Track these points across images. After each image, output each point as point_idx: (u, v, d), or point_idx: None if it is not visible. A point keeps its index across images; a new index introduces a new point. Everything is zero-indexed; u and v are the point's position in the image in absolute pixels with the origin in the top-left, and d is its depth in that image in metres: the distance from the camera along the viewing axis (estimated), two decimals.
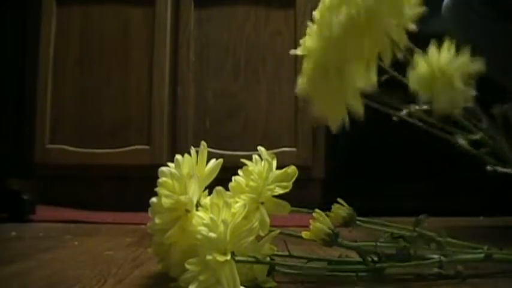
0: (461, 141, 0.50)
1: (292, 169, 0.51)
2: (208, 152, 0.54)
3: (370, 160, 1.83)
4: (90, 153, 1.79)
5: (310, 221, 0.52)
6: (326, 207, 0.59)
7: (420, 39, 0.48)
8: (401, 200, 1.71)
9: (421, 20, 0.45)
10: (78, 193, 1.79)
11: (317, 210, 0.53)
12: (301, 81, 0.48)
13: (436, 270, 0.53)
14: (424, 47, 0.49)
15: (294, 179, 0.51)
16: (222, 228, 0.44)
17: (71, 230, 1.13)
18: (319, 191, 1.69)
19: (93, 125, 1.82)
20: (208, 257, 0.43)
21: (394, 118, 0.50)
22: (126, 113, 1.82)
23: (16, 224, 1.24)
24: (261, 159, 0.52)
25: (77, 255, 0.77)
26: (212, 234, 0.44)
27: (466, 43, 0.46)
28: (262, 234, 0.48)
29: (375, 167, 1.83)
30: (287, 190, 0.50)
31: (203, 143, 0.53)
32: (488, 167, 0.52)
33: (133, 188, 1.79)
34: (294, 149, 1.78)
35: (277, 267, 0.51)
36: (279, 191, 0.50)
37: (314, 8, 0.49)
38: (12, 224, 1.24)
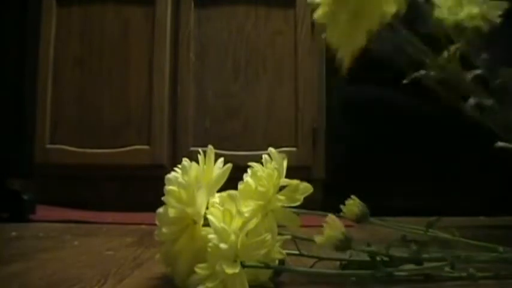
0: (470, 103, 0.49)
1: (305, 186, 0.50)
2: None
3: (371, 160, 1.83)
4: (90, 153, 1.79)
5: (323, 224, 0.52)
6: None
7: (421, 39, 0.48)
8: (402, 200, 1.71)
9: (421, 20, 0.44)
10: (78, 193, 1.79)
11: (330, 215, 0.52)
12: (321, 10, 0.46)
13: (447, 270, 0.53)
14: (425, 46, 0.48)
15: (305, 195, 0.50)
16: (233, 238, 0.44)
17: (71, 230, 1.12)
18: (319, 191, 1.69)
19: (93, 125, 1.82)
20: (218, 268, 0.43)
21: (405, 81, 0.50)
22: (126, 113, 1.82)
23: (16, 224, 1.24)
24: (271, 159, 0.51)
25: (77, 255, 0.77)
26: (223, 245, 0.44)
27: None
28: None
29: (375, 167, 1.83)
30: (296, 203, 0.50)
31: (210, 146, 0.53)
32: (498, 143, 0.51)
33: (134, 188, 1.79)
34: (294, 149, 1.78)
35: (287, 267, 0.51)
36: (289, 203, 0.50)
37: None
38: (12, 224, 1.24)
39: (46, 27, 1.84)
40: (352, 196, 0.56)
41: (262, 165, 0.51)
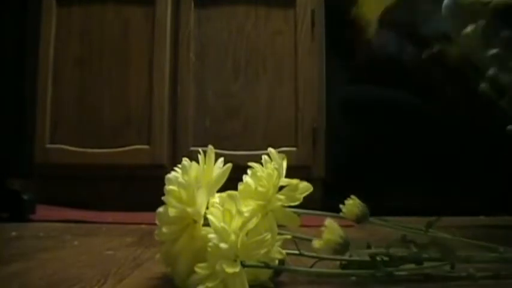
0: (484, 86, 0.49)
1: (304, 185, 0.50)
2: None
3: (370, 160, 1.83)
4: (90, 153, 1.79)
5: (322, 228, 0.52)
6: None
7: (422, 39, 0.48)
8: (402, 200, 1.71)
9: (422, 20, 0.45)
10: (78, 193, 1.79)
11: (329, 220, 0.52)
12: None
13: (447, 270, 0.53)
14: (425, 46, 0.49)
15: (305, 194, 0.50)
16: (233, 237, 0.44)
17: (71, 230, 1.12)
18: (319, 190, 1.69)
19: (93, 124, 1.82)
20: (218, 267, 0.43)
21: (424, 55, 0.50)
22: (126, 113, 1.82)
23: (16, 224, 1.24)
24: (270, 159, 0.51)
25: (77, 255, 0.77)
26: (223, 245, 0.44)
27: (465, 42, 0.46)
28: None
29: (375, 167, 1.83)
30: (297, 203, 0.50)
31: (210, 146, 0.53)
32: (510, 126, 0.51)
33: (134, 188, 1.79)
34: (294, 149, 1.78)
35: (287, 267, 0.51)
36: (289, 202, 0.50)
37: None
38: (12, 224, 1.24)
39: (46, 27, 1.84)
40: (352, 196, 0.56)
41: (262, 165, 0.51)
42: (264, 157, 0.52)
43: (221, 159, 0.53)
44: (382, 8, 0.43)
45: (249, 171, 0.52)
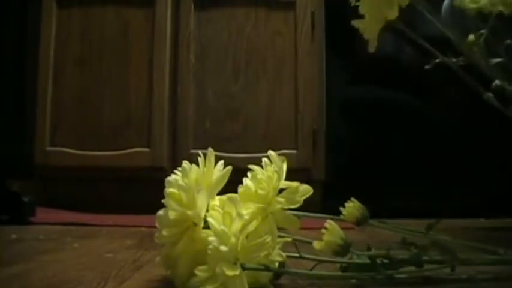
0: (489, 95, 0.49)
1: (304, 188, 0.50)
2: None
3: (370, 162, 1.83)
4: (90, 155, 1.79)
5: (323, 230, 0.52)
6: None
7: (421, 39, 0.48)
8: (402, 202, 1.71)
9: (422, 20, 0.45)
10: (79, 195, 1.79)
11: (329, 220, 0.52)
12: None
13: (447, 272, 0.53)
14: (425, 49, 0.49)
15: (305, 197, 0.50)
16: (233, 240, 0.44)
17: (71, 232, 1.12)
18: (319, 193, 1.69)
19: (93, 126, 1.82)
20: (218, 270, 0.43)
21: (427, 67, 0.50)
22: (126, 114, 1.82)
23: (16, 226, 1.24)
24: (270, 162, 0.51)
25: (77, 257, 0.77)
26: (223, 248, 0.44)
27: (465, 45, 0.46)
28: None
29: (375, 169, 1.83)
30: (297, 205, 0.50)
31: (210, 149, 0.53)
32: None
33: (134, 190, 1.79)
34: (294, 151, 1.78)
35: (287, 269, 0.51)
36: (289, 205, 0.50)
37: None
38: (12, 226, 1.23)
39: (46, 28, 1.84)
40: (352, 198, 0.56)
41: (262, 168, 0.51)
42: (264, 160, 0.52)
43: (221, 162, 0.53)
44: (382, 24, 0.43)
45: (249, 174, 0.52)
